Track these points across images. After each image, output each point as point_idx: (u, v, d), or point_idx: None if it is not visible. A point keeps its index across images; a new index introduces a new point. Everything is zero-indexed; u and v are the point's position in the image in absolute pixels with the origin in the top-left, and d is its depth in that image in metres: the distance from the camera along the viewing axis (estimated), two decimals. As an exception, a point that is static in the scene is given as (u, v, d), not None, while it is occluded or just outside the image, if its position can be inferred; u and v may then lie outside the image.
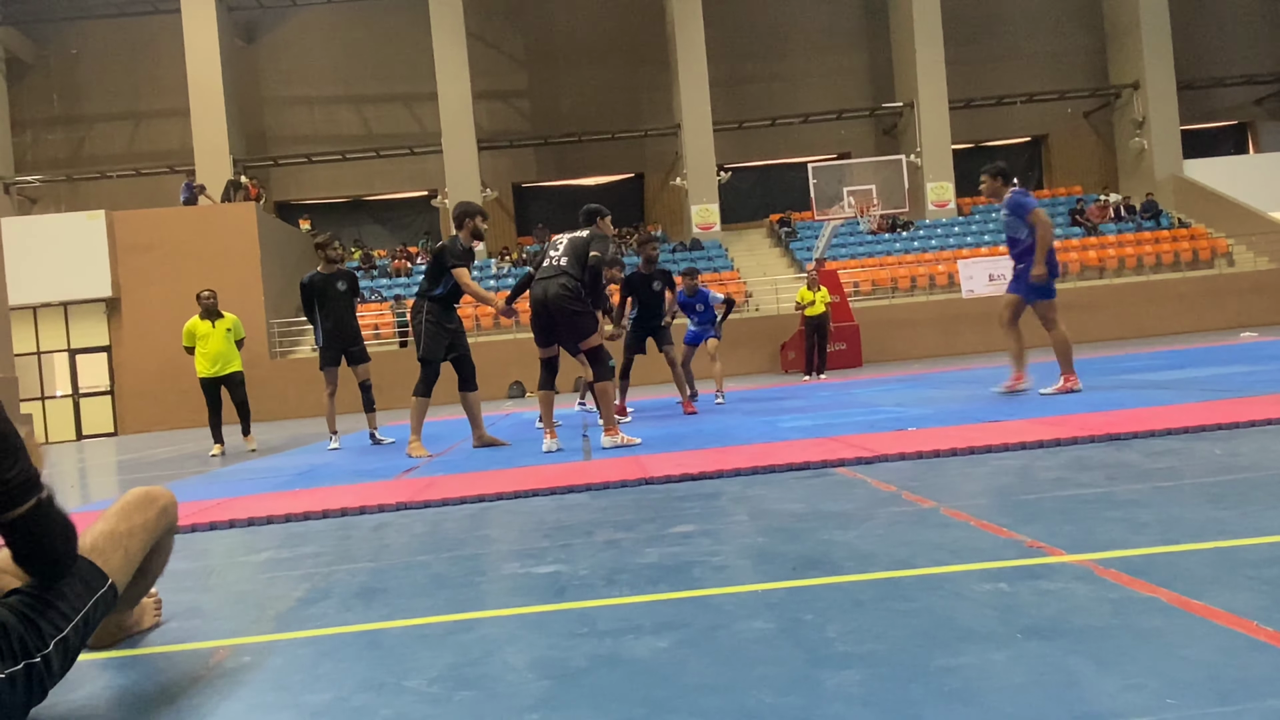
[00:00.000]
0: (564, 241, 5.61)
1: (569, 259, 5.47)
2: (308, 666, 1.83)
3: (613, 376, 5.61)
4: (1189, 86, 25.63)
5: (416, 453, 6.13)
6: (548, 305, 5.43)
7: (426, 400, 6.24)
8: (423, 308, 6.24)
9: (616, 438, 5.41)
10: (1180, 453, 3.53)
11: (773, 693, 1.47)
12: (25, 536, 1.61)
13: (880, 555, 2.32)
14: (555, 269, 5.47)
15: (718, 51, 24.47)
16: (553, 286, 5.41)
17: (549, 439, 5.50)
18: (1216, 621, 1.62)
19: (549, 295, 5.41)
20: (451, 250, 6.08)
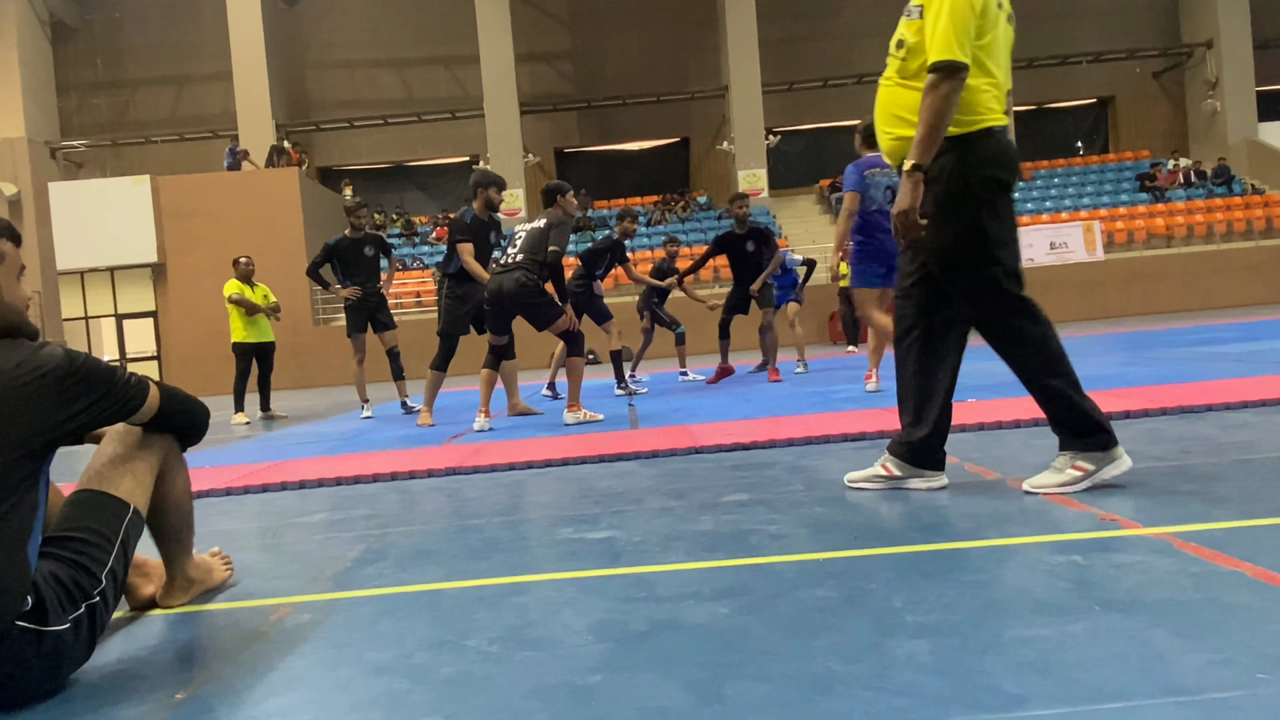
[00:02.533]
0: (522, 235, 5.55)
1: (525, 254, 5.44)
2: (368, 624, 1.84)
3: (583, 353, 5.65)
4: (1266, 45, 24.38)
5: (424, 421, 6.24)
6: (503, 300, 5.44)
7: (442, 374, 6.33)
8: (443, 283, 6.37)
9: (579, 414, 5.45)
10: (1257, 426, 3.39)
11: (841, 660, 1.43)
12: (172, 418, 1.94)
13: (944, 526, 2.26)
14: (512, 264, 5.44)
15: (768, 10, 23.91)
16: (508, 282, 5.39)
17: (481, 417, 5.55)
18: (1309, 598, 1.54)
19: (504, 290, 5.41)
20: (456, 225, 6.09)
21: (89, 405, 1.70)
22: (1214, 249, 20.15)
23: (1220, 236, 20.72)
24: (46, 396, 1.64)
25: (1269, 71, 24.59)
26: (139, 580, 2.11)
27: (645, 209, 24.21)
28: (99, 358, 1.77)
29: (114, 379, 1.76)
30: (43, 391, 1.63)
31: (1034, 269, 19.28)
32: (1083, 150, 26.32)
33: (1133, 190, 22.78)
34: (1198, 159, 24.01)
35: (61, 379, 1.66)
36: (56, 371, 1.66)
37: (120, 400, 1.78)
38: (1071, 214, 21.46)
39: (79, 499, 1.81)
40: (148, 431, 1.94)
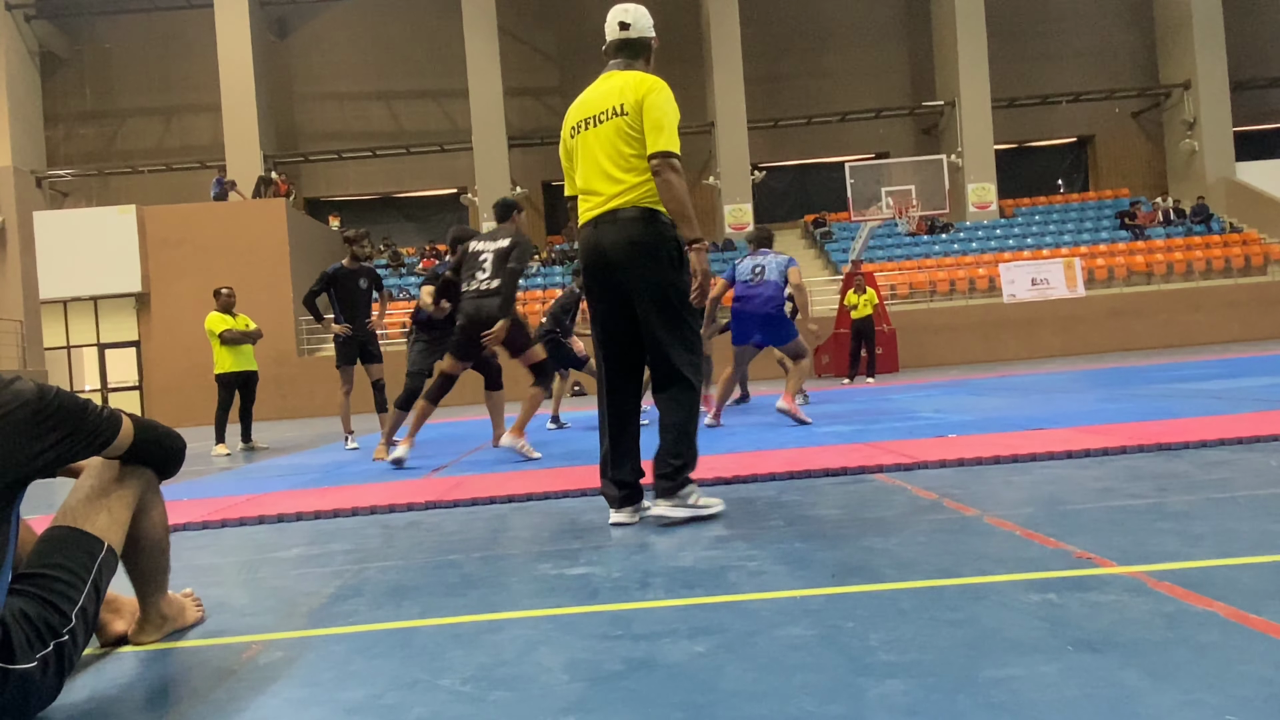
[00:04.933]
0: (489, 257, 5.46)
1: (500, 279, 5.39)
2: (340, 663, 1.82)
3: (548, 385, 5.70)
4: (1243, 86, 24.96)
5: (379, 455, 6.14)
6: (481, 324, 5.34)
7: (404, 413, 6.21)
8: (412, 328, 6.45)
9: (519, 442, 5.46)
10: (1233, 464, 3.42)
11: (815, 701, 1.43)
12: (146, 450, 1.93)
13: (922, 563, 2.26)
14: (485, 291, 5.38)
15: (753, 48, 24.30)
16: (488, 306, 5.33)
17: (403, 446, 5.52)
18: (1277, 637, 1.55)
19: (483, 314, 5.32)
20: (427, 276, 6.23)
21: (60, 440, 1.69)
22: (1193, 286, 20.43)
23: (1199, 274, 21.02)
24: (18, 432, 1.62)
25: (1246, 112, 25.14)
26: (110, 617, 2.08)
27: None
28: (71, 392, 1.76)
29: (85, 413, 1.75)
30: (13, 427, 1.62)
31: (1016, 305, 19.49)
32: (1063, 188, 26.73)
33: (1113, 228, 23.12)
34: (1177, 198, 24.42)
35: (33, 414, 1.65)
36: (27, 407, 1.65)
37: (92, 434, 1.77)
38: (1053, 251, 21.74)
39: (52, 535, 1.79)
40: (125, 466, 1.93)
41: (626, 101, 3.03)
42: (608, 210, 3.06)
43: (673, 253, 3.04)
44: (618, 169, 3.04)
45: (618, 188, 3.04)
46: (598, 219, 3.09)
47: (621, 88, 3.07)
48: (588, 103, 3.19)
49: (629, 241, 3.02)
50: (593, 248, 3.10)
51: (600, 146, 3.08)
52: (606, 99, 3.11)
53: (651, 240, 3.02)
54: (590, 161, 3.12)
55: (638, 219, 3.02)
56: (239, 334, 8.52)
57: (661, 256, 3.02)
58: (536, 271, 22.65)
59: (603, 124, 3.09)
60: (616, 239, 3.03)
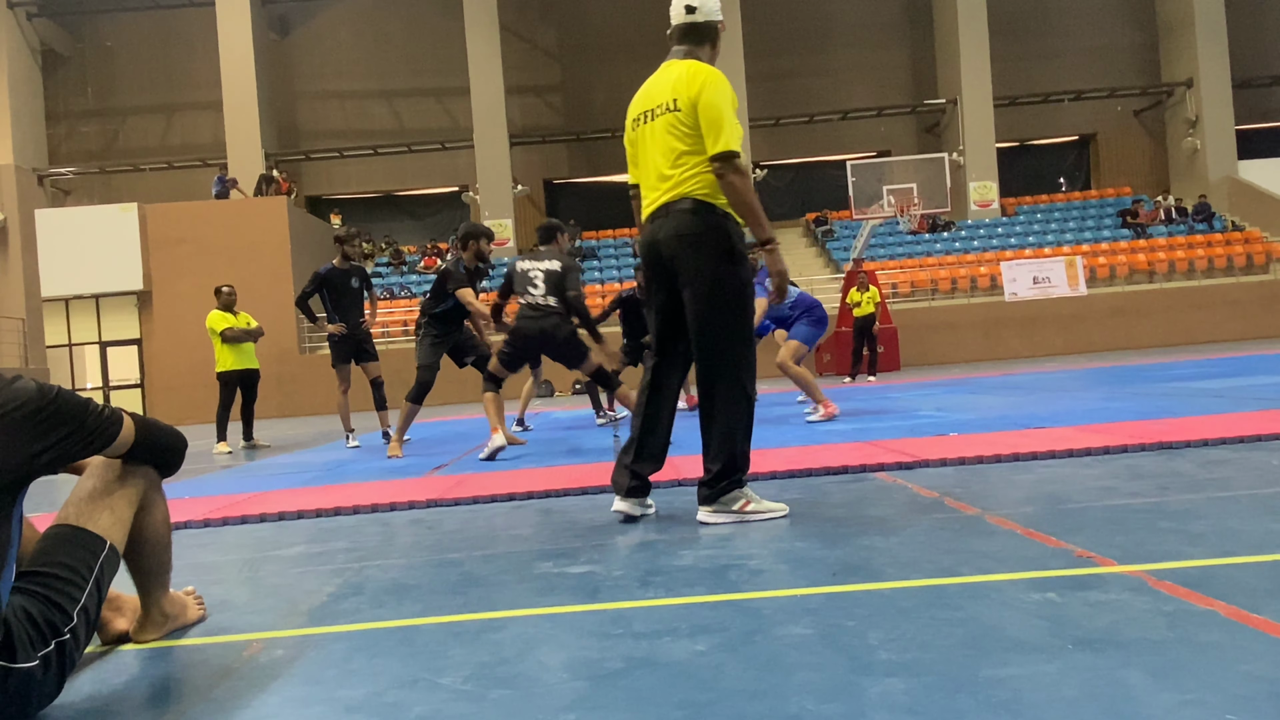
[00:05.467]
0: (539, 276, 5.56)
1: (556, 297, 5.51)
2: (341, 661, 1.82)
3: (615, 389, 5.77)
4: (1245, 84, 24.93)
5: (394, 453, 6.22)
6: (545, 341, 5.51)
7: (418, 406, 6.34)
8: (422, 324, 6.47)
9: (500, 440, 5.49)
10: (1235, 463, 3.42)
11: (815, 699, 1.43)
12: (147, 449, 1.92)
13: (923, 562, 2.26)
14: (545, 308, 5.49)
15: (755, 46, 24.27)
16: (549, 325, 5.46)
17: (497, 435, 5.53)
18: (1278, 636, 1.55)
19: (546, 332, 5.46)
20: (455, 275, 6.15)
21: (61, 439, 1.69)
22: (1195, 285, 20.42)
23: (1201, 272, 21.00)
24: (19, 431, 1.63)
25: (1248, 110, 25.11)
26: (112, 615, 2.09)
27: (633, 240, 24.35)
28: (72, 391, 1.76)
29: (86, 412, 1.75)
30: (14, 426, 1.62)
31: (1017, 304, 19.48)
32: (1065, 186, 26.72)
33: (1114, 226, 23.10)
34: (1178, 196, 24.40)
35: (34, 413, 1.65)
36: (28, 406, 1.65)
37: (93, 433, 1.77)
38: (1054, 249, 21.72)
39: (55, 534, 1.79)
40: (127, 464, 1.93)
41: (680, 97, 2.99)
42: (661, 204, 3.05)
43: (724, 245, 2.97)
44: (669, 164, 3.01)
45: (669, 182, 3.02)
46: (654, 213, 3.08)
47: (676, 81, 3.02)
48: (648, 94, 3.16)
49: (677, 234, 2.99)
50: (648, 241, 3.10)
51: (655, 141, 3.06)
52: (662, 92, 3.07)
53: (700, 232, 2.96)
54: (647, 156, 3.11)
55: (688, 211, 2.98)
56: (240, 332, 8.52)
57: (710, 248, 2.96)
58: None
59: (658, 118, 3.06)
60: (668, 232, 3.01)
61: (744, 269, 3.00)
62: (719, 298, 2.96)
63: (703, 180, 2.97)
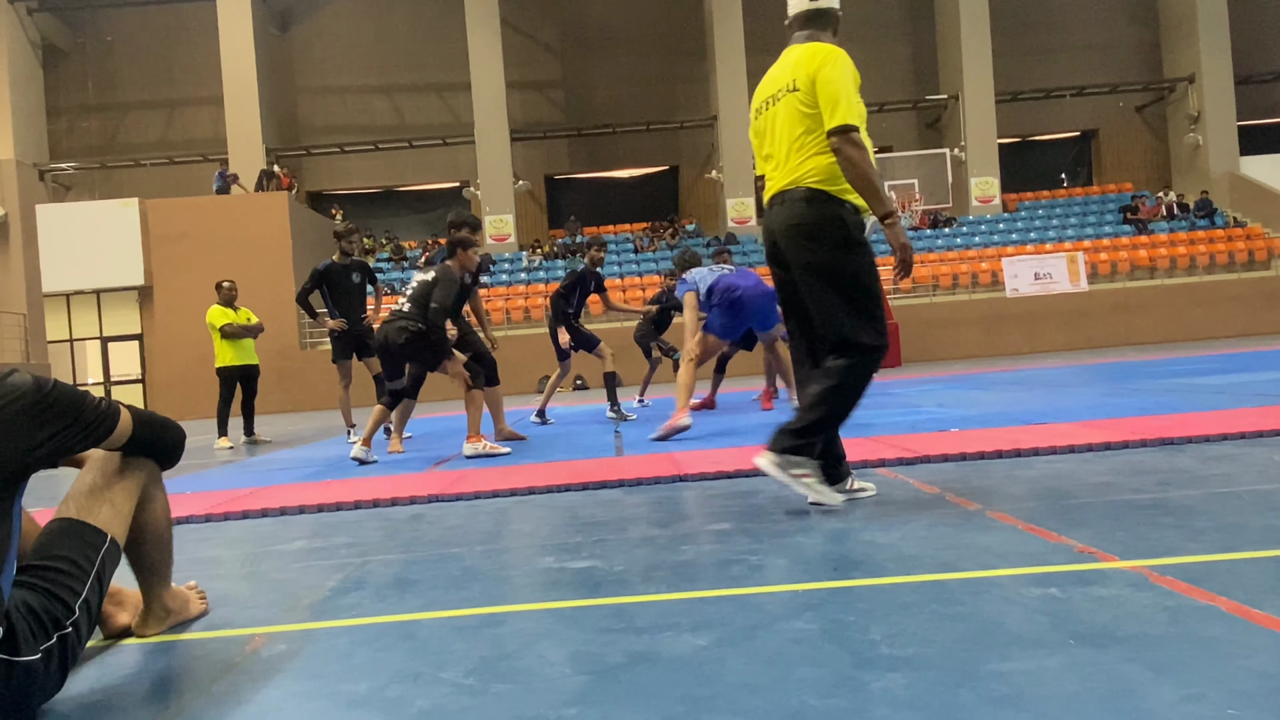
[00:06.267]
0: (414, 285, 5.69)
1: (412, 304, 5.59)
2: (343, 656, 1.82)
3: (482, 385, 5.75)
4: (1247, 80, 24.88)
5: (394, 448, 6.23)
6: (389, 349, 5.63)
7: (412, 402, 6.39)
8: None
9: (479, 445, 5.47)
10: (1236, 458, 3.42)
11: (816, 694, 1.43)
12: (146, 441, 1.92)
13: (924, 558, 2.27)
14: (398, 313, 5.62)
15: (756, 41, 24.22)
16: (393, 332, 5.55)
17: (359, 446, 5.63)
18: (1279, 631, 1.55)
19: (389, 340, 5.57)
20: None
21: (59, 432, 1.69)
22: (1196, 281, 20.39)
23: (1203, 269, 20.98)
24: (16, 424, 1.63)
25: (1250, 106, 25.06)
26: (113, 609, 2.09)
27: (634, 236, 24.34)
28: (68, 384, 1.76)
29: (83, 405, 1.75)
30: (11, 420, 1.62)
31: (1019, 299, 19.47)
32: (1066, 182, 26.68)
33: (1116, 222, 23.07)
34: (1180, 192, 24.37)
35: (31, 406, 1.65)
36: (25, 399, 1.65)
37: (91, 426, 1.77)
38: (1056, 245, 21.70)
39: (55, 528, 1.80)
40: (127, 458, 1.93)
41: (799, 77, 2.93)
42: (778, 192, 3.02)
43: (839, 233, 2.89)
44: (787, 148, 2.97)
45: (786, 168, 2.98)
46: (771, 200, 3.05)
47: (796, 63, 2.97)
48: (769, 81, 3.11)
49: (790, 223, 2.95)
50: (766, 230, 3.09)
51: (777, 127, 3.02)
52: (782, 76, 3.02)
53: (814, 221, 2.91)
54: (771, 143, 3.07)
55: (801, 200, 2.93)
56: (239, 328, 8.52)
57: (824, 237, 2.90)
58: (539, 265, 22.65)
59: (779, 102, 3.02)
60: (782, 221, 2.98)
61: (863, 255, 2.92)
62: (837, 284, 2.89)
63: (816, 165, 2.91)
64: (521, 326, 20.16)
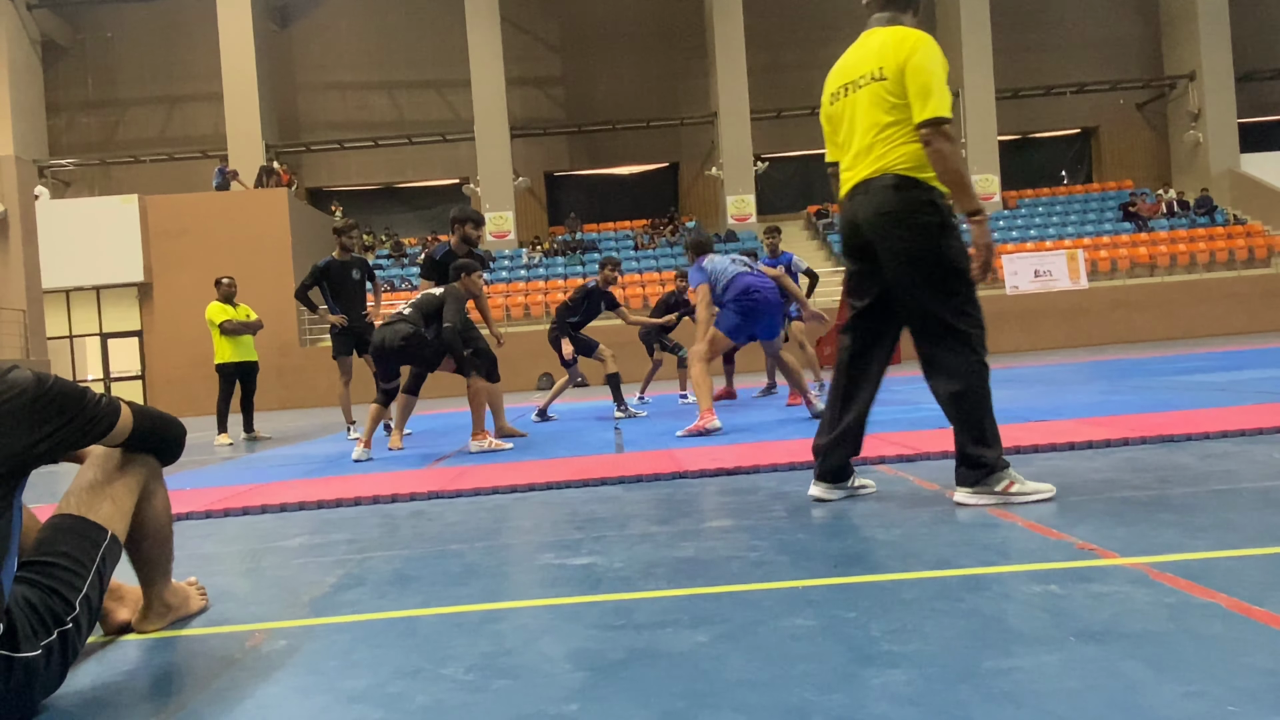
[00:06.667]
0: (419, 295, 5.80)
1: (414, 310, 5.66)
2: (344, 652, 1.82)
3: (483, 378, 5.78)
4: (1248, 78, 24.86)
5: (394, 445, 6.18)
6: (385, 351, 5.66)
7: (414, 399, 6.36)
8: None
9: (484, 442, 5.49)
10: (1236, 455, 3.42)
11: (816, 690, 1.43)
12: (146, 437, 1.92)
13: (924, 554, 2.27)
14: (397, 316, 5.69)
15: (757, 38, 24.21)
16: (390, 335, 5.60)
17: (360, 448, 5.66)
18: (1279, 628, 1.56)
19: (386, 343, 5.62)
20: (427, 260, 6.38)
21: (59, 428, 1.69)
22: (1196, 278, 20.39)
23: (1203, 266, 20.97)
24: (16, 421, 1.62)
25: (1250, 103, 25.04)
26: (114, 605, 2.09)
27: (634, 233, 24.32)
28: (69, 379, 1.76)
29: (84, 401, 1.75)
30: (12, 416, 1.62)
31: (1019, 297, 19.46)
32: (1067, 179, 26.66)
33: (1116, 220, 23.05)
34: (1180, 189, 24.35)
35: (31, 402, 1.65)
36: (25, 395, 1.64)
37: (91, 422, 1.76)
38: (1056, 242, 21.69)
39: (56, 524, 1.80)
40: (128, 454, 1.93)
41: (885, 65, 2.82)
42: (861, 181, 2.90)
43: (931, 220, 2.79)
44: (871, 137, 2.86)
45: (870, 156, 2.87)
46: (853, 190, 2.94)
47: (881, 49, 2.86)
48: (847, 66, 3.00)
49: (879, 212, 2.83)
50: (847, 221, 2.97)
51: (858, 114, 2.91)
52: (865, 62, 2.91)
53: (905, 209, 2.80)
54: (849, 130, 2.96)
55: (890, 187, 2.82)
56: (239, 324, 8.52)
57: (917, 225, 2.79)
58: (539, 262, 22.63)
59: (860, 89, 2.91)
60: (868, 210, 2.86)
61: (958, 241, 2.81)
62: (936, 274, 2.79)
63: (905, 153, 2.81)
64: (521, 323, 20.15)
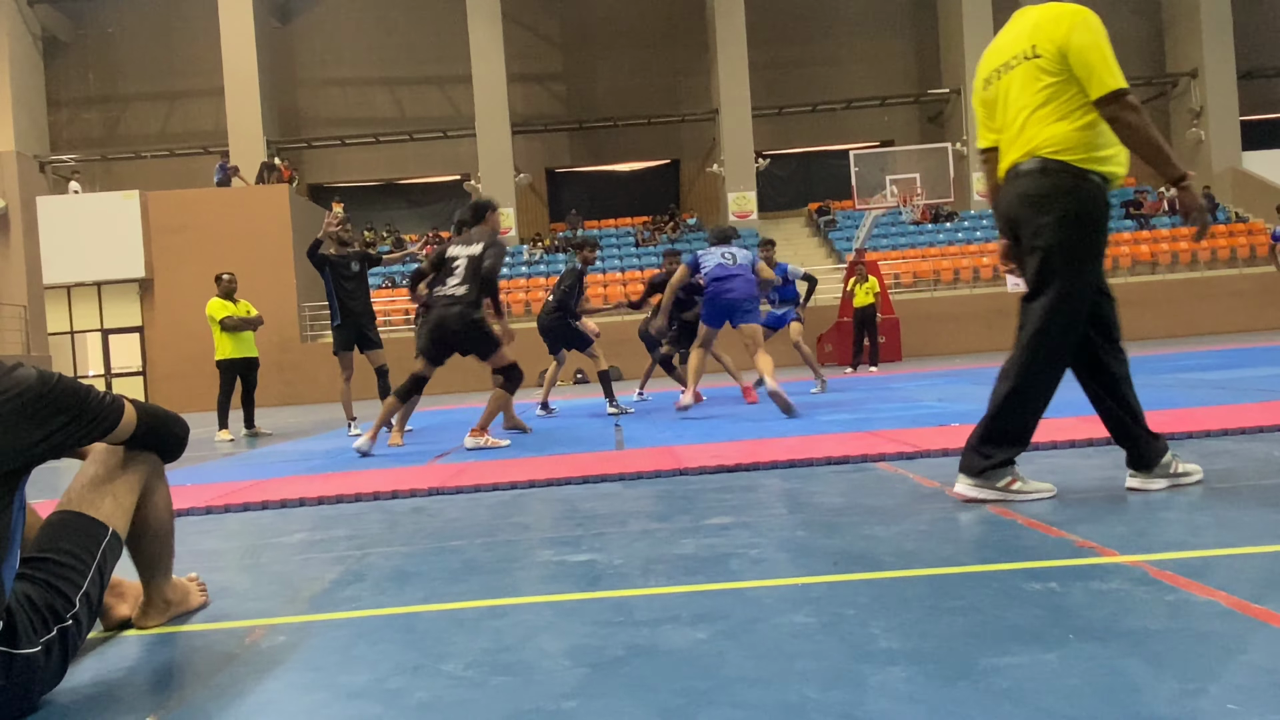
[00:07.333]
0: (462, 263, 5.52)
1: (469, 285, 5.44)
2: (343, 648, 1.82)
3: (515, 389, 5.74)
4: (1250, 76, 24.82)
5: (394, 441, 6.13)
6: (446, 334, 5.47)
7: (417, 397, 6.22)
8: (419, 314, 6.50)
9: (481, 439, 5.47)
10: (1236, 454, 3.42)
11: (815, 687, 1.43)
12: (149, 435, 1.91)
13: (924, 552, 2.27)
14: (453, 298, 5.45)
15: (758, 35, 24.17)
16: (452, 317, 5.42)
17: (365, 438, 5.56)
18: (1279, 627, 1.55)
19: (448, 325, 5.43)
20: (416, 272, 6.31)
21: (62, 426, 1.69)
22: (1198, 276, 20.37)
23: (1205, 264, 20.95)
24: (19, 418, 1.62)
25: (1253, 101, 24.99)
26: (114, 601, 2.09)
27: (635, 229, 24.31)
28: (73, 378, 1.76)
29: (87, 399, 1.75)
30: (15, 413, 1.62)
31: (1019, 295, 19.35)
32: (1069, 177, 26.57)
33: (1118, 217, 23.00)
34: (1182, 187, 24.28)
35: (34, 400, 1.65)
36: (29, 393, 1.64)
37: (94, 420, 1.77)
38: (1058, 240, 21.64)
39: (57, 520, 1.80)
40: (129, 451, 1.93)
41: (1040, 42, 2.72)
42: (1012, 165, 2.83)
43: (1070, 209, 2.68)
44: (1024, 119, 2.77)
45: (1021, 139, 2.78)
46: (1007, 174, 2.87)
47: (1035, 26, 2.76)
48: (1000, 48, 2.91)
49: (1020, 195, 2.77)
50: (998, 204, 2.92)
51: (1012, 96, 2.81)
52: (1018, 41, 2.81)
53: (1044, 194, 2.71)
54: (1004, 113, 2.86)
55: (1034, 171, 2.73)
56: (239, 320, 8.52)
57: (1052, 211, 2.69)
58: (540, 259, 22.63)
59: (1013, 70, 2.81)
60: (1013, 194, 2.80)
61: (1094, 239, 2.72)
62: (1052, 265, 2.72)
63: (1052, 135, 2.71)
64: (523, 320, 20.13)
